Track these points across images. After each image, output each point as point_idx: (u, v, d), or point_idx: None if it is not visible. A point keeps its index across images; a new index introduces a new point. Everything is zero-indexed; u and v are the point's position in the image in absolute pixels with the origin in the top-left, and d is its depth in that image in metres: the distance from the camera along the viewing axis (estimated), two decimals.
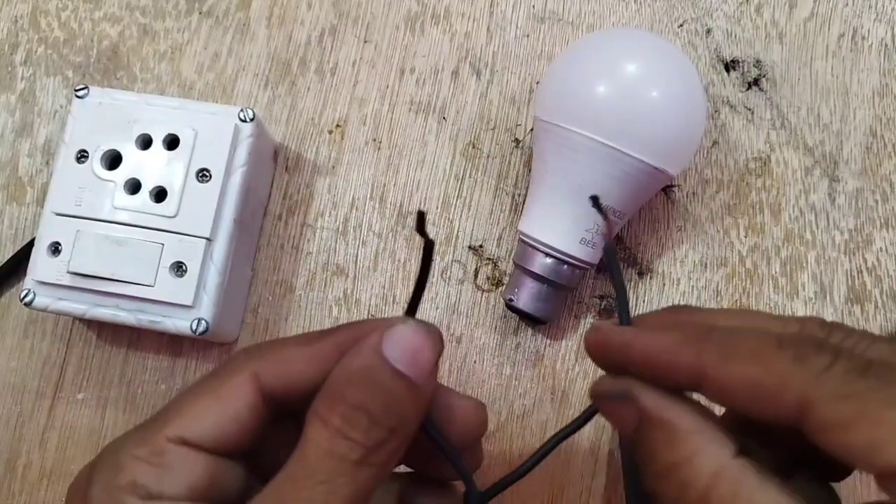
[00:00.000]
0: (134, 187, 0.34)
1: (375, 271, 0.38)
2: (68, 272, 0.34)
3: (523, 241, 0.35)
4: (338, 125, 0.40)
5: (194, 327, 0.34)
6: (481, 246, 0.38)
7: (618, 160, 0.32)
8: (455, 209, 0.39)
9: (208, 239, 0.34)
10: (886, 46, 0.40)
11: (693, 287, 0.38)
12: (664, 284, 0.38)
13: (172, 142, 0.35)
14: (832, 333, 0.19)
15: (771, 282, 0.38)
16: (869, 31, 0.40)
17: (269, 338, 0.38)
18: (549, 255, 0.34)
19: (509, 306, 0.36)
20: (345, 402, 0.20)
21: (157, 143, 0.35)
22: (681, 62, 0.34)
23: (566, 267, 0.35)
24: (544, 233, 0.34)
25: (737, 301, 0.38)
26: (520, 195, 0.39)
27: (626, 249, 0.38)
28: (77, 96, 0.36)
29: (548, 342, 0.37)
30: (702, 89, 0.34)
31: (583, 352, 0.37)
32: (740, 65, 0.40)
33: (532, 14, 0.41)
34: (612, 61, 0.33)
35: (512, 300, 0.35)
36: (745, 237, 0.38)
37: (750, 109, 0.39)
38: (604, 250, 0.20)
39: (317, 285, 0.38)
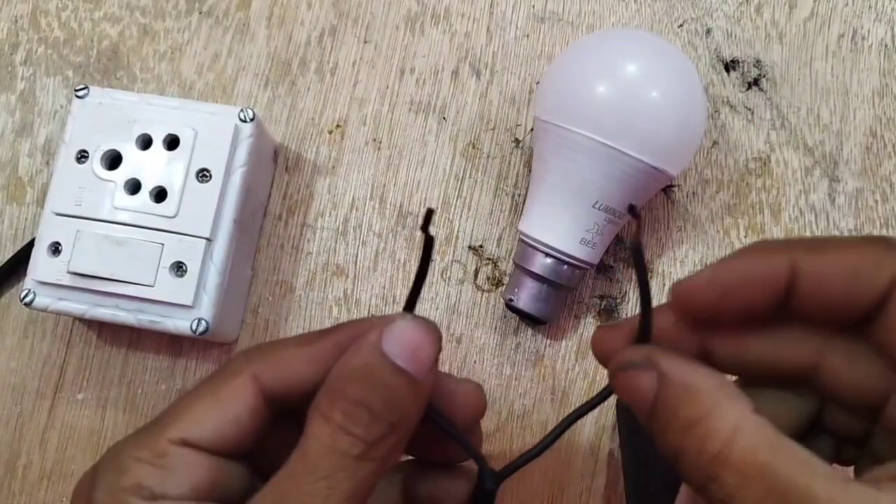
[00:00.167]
0: (134, 187, 0.34)
1: (375, 271, 0.38)
2: (68, 272, 0.34)
3: (523, 241, 0.35)
4: (338, 125, 0.40)
5: (194, 327, 0.34)
6: (481, 246, 0.38)
7: (618, 160, 0.32)
8: (455, 209, 0.39)
9: (208, 239, 0.34)
10: (886, 46, 0.40)
11: None
12: (664, 284, 0.38)
13: (172, 142, 0.35)
14: None
15: None
16: (869, 31, 0.40)
17: (269, 338, 0.38)
18: (549, 256, 0.34)
19: (509, 306, 0.36)
20: (346, 399, 0.20)
21: (157, 143, 0.35)
22: (681, 62, 0.34)
23: (566, 267, 0.35)
24: (544, 233, 0.34)
25: None
26: (520, 195, 0.39)
27: (626, 249, 0.38)
28: (77, 96, 0.36)
29: (548, 342, 0.37)
30: (702, 89, 0.34)
31: (583, 352, 0.37)
32: (740, 65, 0.40)
33: (532, 14, 0.41)
34: (613, 61, 0.33)
35: (512, 300, 0.35)
36: (746, 237, 0.38)
37: (750, 109, 0.39)
38: (630, 249, 0.21)
39: (317, 285, 0.38)
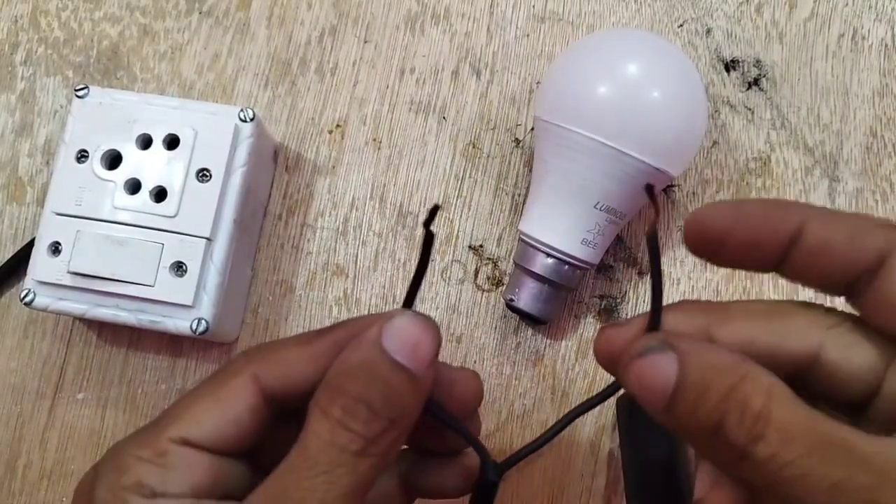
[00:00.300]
0: (134, 187, 0.34)
1: (375, 271, 0.38)
2: (68, 272, 0.34)
3: (524, 241, 0.35)
4: (338, 125, 0.40)
5: (194, 327, 0.34)
6: (481, 246, 0.38)
7: (618, 160, 0.32)
8: (455, 209, 0.39)
9: (208, 239, 0.34)
10: (886, 46, 0.40)
11: (693, 287, 0.38)
12: (664, 284, 0.38)
13: (172, 142, 0.35)
14: None
15: (771, 282, 0.38)
16: (869, 31, 0.40)
17: (269, 338, 0.38)
18: (549, 256, 0.34)
19: (510, 306, 0.36)
20: (346, 395, 0.20)
21: (157, 143, 0.35)
22: (681, 62, 0.34)
23: (567, 267, 0.35)
24: (545, 233, 0.34)
25: None
26: (520, 195, 0.39)
27: (626, 249, 0.38)
28: (77, 96, 0.36)
29: (548, 342, 0.37)
30: (702, 89, 0.34)
31: (583, 352, 0.37)
32: (740, 65, 0.40)
33: (532, 14, 0.41)
34: (613, 61, 0.33)
35: (512, 300, 0.35)
36: None
37: (750, 109, 0.39)
38: (647, 238, 0.21)
39: (317, 285, 0.38)
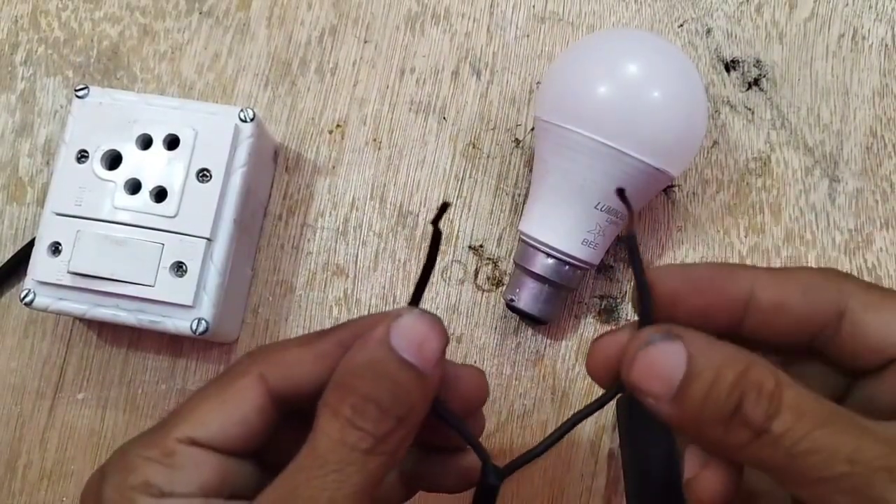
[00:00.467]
0: (134, 187, 0.34)
1: (375, 271, 0.38)
2: (68, 272, 0.34)
3: (524, 241, 0.35)
4: (338, 125, 0.40)
5: (194, 327, 0.34)
6: (481, 246, 0.38)
7: (618, 160, 0.32)
8: (455, 209, 0.39)
9: (208, 239, 0.34)
10: (886, 46, 0.40)
11: None
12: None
13: (172, 142, 0.35)
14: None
15: None
16: (869, 31, 0.40)
17: (270, 338, 0.38)
18: (550, 256, 0.34)
19: (510, 306, 0.36)
20: (354, 393, 0.20)
21: (158, 143, 0.35)
22: (681, 62, 0.34)
23: (567, 267, 0.35)
24: (546, 233, 0.34)
25: None
26: (520, 195, 0.39)
27: (624, 249, 0.38)
28: (77, 96, 0.36)
29: (548, 342, 0.37)
30: (703, 90, 0.34)
31: (583, 352, 0.37)
32: (740, 65, 0.40)
33: (532, 14, 0.41)
34: (613, 61, 0.33)
35: (513, 300, 0.35)
36: (746, 237, 0.38)
37: (750, 109, 0.39)
38: (625, 241, 0.21)
39: (317, 285, 0.38)
